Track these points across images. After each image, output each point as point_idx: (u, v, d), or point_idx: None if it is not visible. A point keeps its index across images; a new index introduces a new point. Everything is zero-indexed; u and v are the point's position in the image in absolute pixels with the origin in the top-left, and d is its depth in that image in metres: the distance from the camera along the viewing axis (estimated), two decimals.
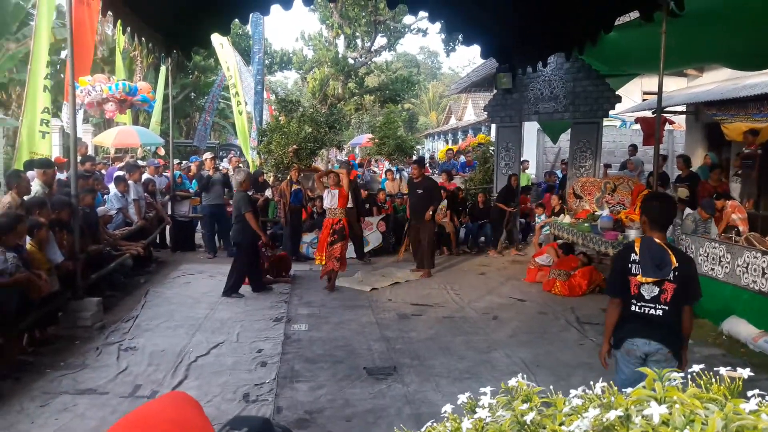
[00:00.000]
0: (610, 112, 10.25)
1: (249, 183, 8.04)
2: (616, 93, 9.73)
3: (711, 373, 1.03)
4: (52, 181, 6.83)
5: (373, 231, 10.34)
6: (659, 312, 2.96)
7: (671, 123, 13.28)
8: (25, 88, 9.24)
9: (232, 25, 7.28)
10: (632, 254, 3.02)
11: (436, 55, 60.95)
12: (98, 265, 6.75)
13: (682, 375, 1.02)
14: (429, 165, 17.18)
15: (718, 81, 11.26)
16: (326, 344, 5.52)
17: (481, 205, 10.99)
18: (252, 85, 15.27)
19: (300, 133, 11.60)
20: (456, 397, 1.20)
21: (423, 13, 8.07)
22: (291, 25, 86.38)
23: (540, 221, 10.07)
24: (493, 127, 11.65)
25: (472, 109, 29.33)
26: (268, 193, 10.52)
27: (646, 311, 2.99)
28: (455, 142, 27.75)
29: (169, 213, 10.22)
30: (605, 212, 8.16)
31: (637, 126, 13.01)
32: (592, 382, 1.10)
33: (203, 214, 10.02)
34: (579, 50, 6.95)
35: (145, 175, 10.05)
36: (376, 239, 10.37)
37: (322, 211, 8.93)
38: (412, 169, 9.28)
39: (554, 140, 14.21)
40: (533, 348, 5.46)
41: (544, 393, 1.12)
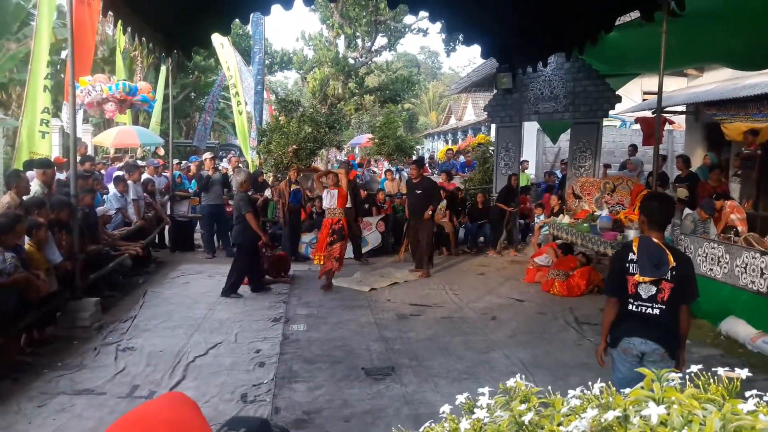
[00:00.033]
0: (610, 112, 10.24)
1: (249, 183, 8.04)
2: (616, 93, 9.72)
3: (709, 374, 1.03)
4: (52, 181, 6.83)
5: (373, 231, 10.34)
6: (656, 311, 2.99)
7: (671, 123, 13.28)
8: (25, 88, 9.24)
9: (232, 25, 7.28)
10: (630, 254, 3.06)
11: (437, 55, 61.04)
12: (97, 265, 6.74)
13: (680, 375, 1.02)
14: (429, 165, 17.18)
15: (718, 81, 11.26)
16: (325, 344, 5.51)
17: (481, 206, 10.99)
18: (252, 85, 15.27)
19: (300, 133, 11.60)
20: (454, 398, 1.20)
21: (423, 13, 8.08)
22: (291, 25, 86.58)
23: (539, 221, 10.07)
24: (493, 127, 11.65)
25: (472, 109, 29.35)
26: (268, 193, 10.52)
27: (643, 310, 3.02)
28: (455, 142, 27.76)
29: (169, 213, 10.21)
30: (604, 212, 8.16)
31: (637, 126, 13.01)
32: (591, 383, 1.10)
33: (202, 214, 10.02)
34: (579, 50, 6.95)
35: (145, 175, 10.05)
36: (376, 239, 10.37)
37: (321, 211, 8.94)
38: (411, 170, 9.28)
39: (554, 140, 14.21)
40: (532, 348, 5.45)
41: (543, 393, 1.12)
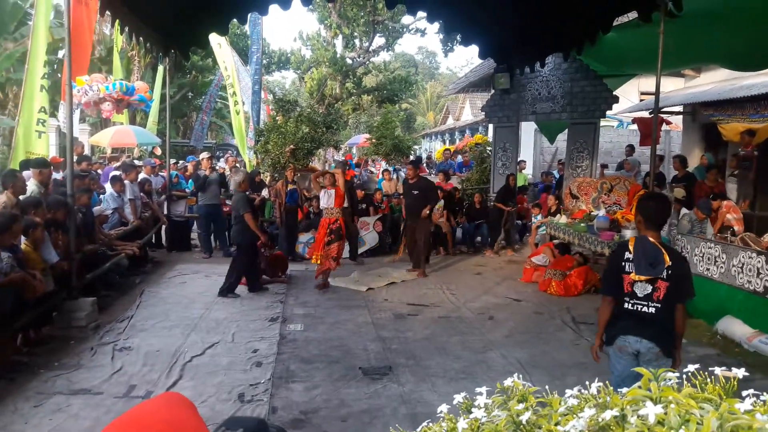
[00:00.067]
0: (608, 113, 10.26)
1: (248, 184, 8.02)
2: (614, 93, 9.73)
3: (706, 373, 1.03)
4: (48, 180, 6.80)
5: (370, 231, 10.34)
6: (651, 309, 3.01)
7: (668, 123, 13.28)
8: (22, 87, 9.20)
9: (230, 25, 7.28)
10: (626, 252, 3.08)
11: (434, 55, 61.11)
12: (93, 265, 6.72)
13: (677, 375, 1.02)
14: (426, 165, 17.19)
15: (715, 81, 11.28)
16: (322, 344, 5.51)
17: (478, 206, 10.99)
18: (249, 85, 15.25)
19: (297, 133, 11.60)
20: (452, 397, 1.20)
21: (421, 13, 8.08)
22: (289, 25, 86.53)
23: (536, 221, 10.08)
24: (491, 127, 11.64)
25: (469, 109, 29.36)
26: (265, 192, 10.51)
27: (639, 309, 3.04)
28: (452, 142, 27.77)
29: (165, 213, 10.19)
30: (602, 212, 8.16)
31: (634, 126, 13.03)
32: (588, 382, 1.10)
33: (199, 214, 9.99)
34: (577, 50, 6.96)
35: (142, 175, 10.02)
36: (373, 239, 10.37)
37: (319, 211, 8.93)
38: (408, 170, 9.28)
39: (551, 140, 14.23)
40: (529, 348, 5.46)
41: (540, 393, 1.12)
